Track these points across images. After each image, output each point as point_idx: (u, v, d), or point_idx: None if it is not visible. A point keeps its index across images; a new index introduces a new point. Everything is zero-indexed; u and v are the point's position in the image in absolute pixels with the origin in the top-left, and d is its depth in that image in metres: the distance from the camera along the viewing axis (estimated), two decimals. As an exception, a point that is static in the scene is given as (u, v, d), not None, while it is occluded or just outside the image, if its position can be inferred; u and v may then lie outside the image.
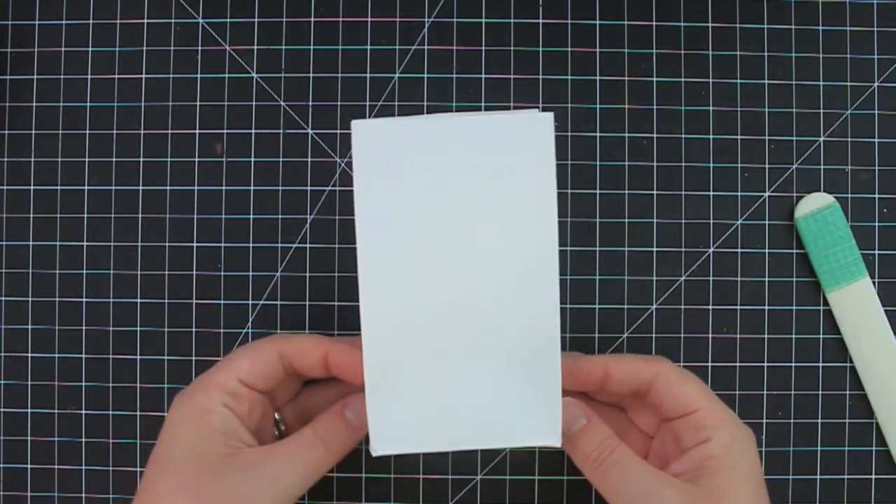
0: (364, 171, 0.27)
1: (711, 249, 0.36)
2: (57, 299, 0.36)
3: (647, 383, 0.30)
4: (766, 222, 0.36)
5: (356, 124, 0.27)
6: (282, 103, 0.37)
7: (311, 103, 0.37)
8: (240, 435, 0.29)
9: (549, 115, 0.27)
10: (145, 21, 0.37)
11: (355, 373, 0.28)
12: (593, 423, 0.29)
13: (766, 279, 0.36)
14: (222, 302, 0.36)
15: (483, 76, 0.36)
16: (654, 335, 0.36)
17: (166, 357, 0.36)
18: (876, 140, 0.36)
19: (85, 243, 0.37)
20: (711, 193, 0.36)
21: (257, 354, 0.30)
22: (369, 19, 0.37)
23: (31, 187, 0.37)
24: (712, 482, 0.27)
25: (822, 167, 0.36)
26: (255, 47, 0.37)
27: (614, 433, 0.29)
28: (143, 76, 0.37)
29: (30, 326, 0.36)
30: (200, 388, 0.29)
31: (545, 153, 0.27)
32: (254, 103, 0.37)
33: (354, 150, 0.27)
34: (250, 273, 0.36)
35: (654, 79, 0.36)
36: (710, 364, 0.36)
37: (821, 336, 0.36)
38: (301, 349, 0.30)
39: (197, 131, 0.37)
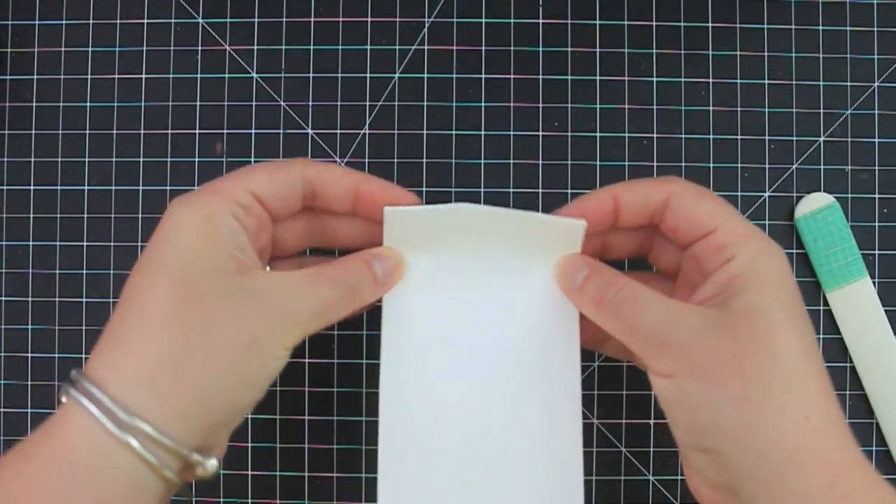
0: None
1: (711, 249, 0.36)
2: (57, 299, 0.36)
3: (661, 206, 0.27)
4: (766, 222, 0.36)
5: (388, 210, 0.27)
6: (282, 103, 0.37)
7: (311, 103, 0.37)
8: (248, 252, 0.25)
9: (581, 223, 0.28)
10: (145, 21, 0.37)
11: (387, 203, 0.27)
12: (596, 268, 0.27)
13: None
14: (222, 302, 0.36)
15: (483, 76, 0.36)
16: (654, 335, 0.36)
17: (166, 357, 0.36)
18: (876, 140, 0.36)
19: (85, 243, 0.37)
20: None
21: (278, 171, 0.26)
22: (369, 19, 0.37)
23: (31, 187, 0.37)
24: (738, 302, 0.24)
25: (822, 167, 0.36)
26: (255, 47, 0.37)
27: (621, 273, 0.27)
28: (143, 76, 0.37)
29: (30, 326, 0.36)
30: (208, 192, 0.25)
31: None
32: (254, 103, 0.37)
33: (385, 237, 0.28)
34: (250, 273, 0.36)
35: (654, 79, 0.36)
36: (710, 364, 0.36)
37: (821, 336, 0.36)
38: (330, 176, 0.27)
39: (197, 131, 0.37)
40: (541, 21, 0.37)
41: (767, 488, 0.23)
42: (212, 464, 0.24)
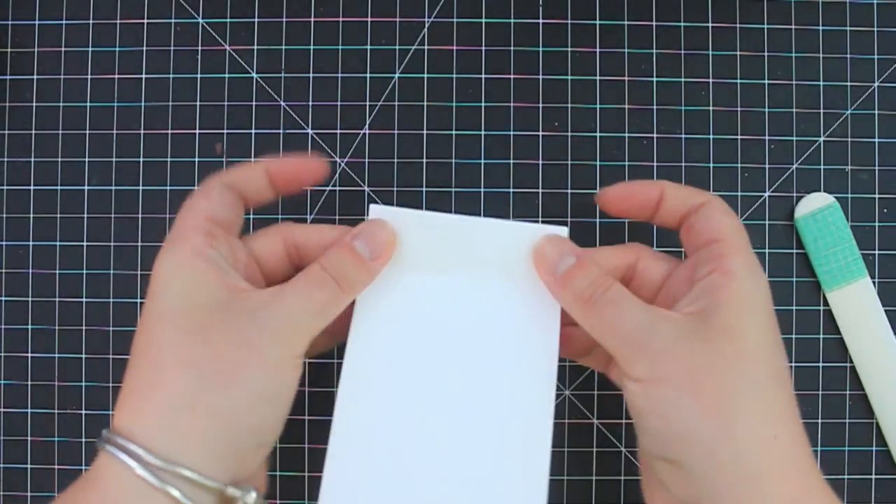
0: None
1: (711, 249, 0.36)
2: (57, 299, 0.36)
3: (695, 209, 0.28)
4: (766, 222, 0.36)
5: (374, 209, 0.28)
6: (282, 103, 0.37)
7: (311, 103, 0.37)
8: (233, 278, 0.26)
9: (563, 230, 0.28)
10: (145, 21, 0.37)
11: (301, 175, 0.29)
12: (583, 261, 0.27)
13: (766, 279, 0.36)
14: (222, 302, 0.36)
15: (483, 76, 0.36)
16: (654, 335, 0.36)
17: (166, 357, 0.36)
18: (876, 140, 0.36)
19: (85, 243, 0.37)
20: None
21: (207, 191, 0.28)
22: (369, 19, 0.37)
23: (31, 187, 0.37)
24: (720, 317, 0.25)
25: (822, 167, 0.36)
26: (255, 47, 0.37)
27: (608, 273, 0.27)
28: (143, 76, 0.37)
29: (30, 326, 0.36)
30: (180, 237, 0.26)
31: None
32: (254, 103, 0.37)
33: None
34: (250, 273, 0.36)
35: (654, 79, 0.36)
36: (710, 364, 0.36)
37: (821, 336, 0.36)
38: (244, 172, 0.29)
39: (197, 131, 0.37)
40: (541, 21, 0.37)
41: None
42: (251, 497, 0.25)
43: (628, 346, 0.25)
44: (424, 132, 0.36)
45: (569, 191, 0.36)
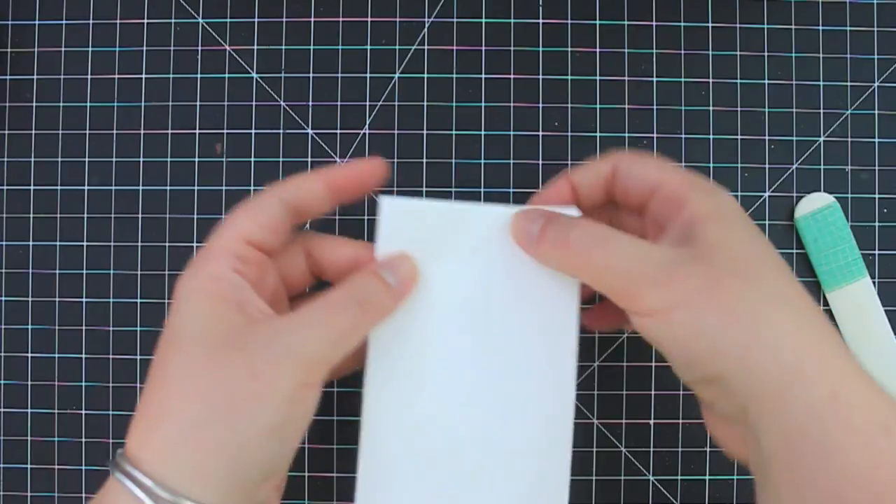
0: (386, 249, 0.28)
1: (711, 249, 0.36)
2: (57, 299, 0.36)
3: (610, 176, 0.28)
4: (766, 222, 0.36)
5: (385, 201, 0.28)
6: (282, 103, 0.37)
7: (311, 103, 0.37)
8: (255, 303, 0.26)
9: (574, 209, 0.28)
10: (145, 21, 0.37)
11: (363, 180, 0.28)
12: (552, 215, 0.27)
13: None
14: (222, 302, 0.36)
15: (483, 76, 0.36)
16: (654, 335, 0.36)
17: (166, 357, 0.36)
18: (876, 140, 0.36)
19: (85, 243, 0.37)
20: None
21: (257, 208, 0.27)
22: (369, 19, 0.37)
23: (31, 187, 0.37)
24: (703, 236, 0.25)
25: (822, 167, 0.36)
26: (255, 47, 0.37)
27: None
28: (143, 76, 0.37)
29: (30, 326, 0.36)
30: (206, 257, 0.26)
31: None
32: (254, 103, 0.37)
33: (380, 229, 0.28)
34: (250, 273, 0.36)
35: (654, 79, 0.36)
36: (710, 364, 0.36)
37: (821, 336, 0.36)
38: (301, 185, 0.28)
39: (197, 131, 0.37)
40: (541, 21, 0.37)
41: (770, 405, 0.23)
42: None
43: (629, 282, 0.25)
44: (424, 132, 0.36)
45: (569, 191, 0.36)
